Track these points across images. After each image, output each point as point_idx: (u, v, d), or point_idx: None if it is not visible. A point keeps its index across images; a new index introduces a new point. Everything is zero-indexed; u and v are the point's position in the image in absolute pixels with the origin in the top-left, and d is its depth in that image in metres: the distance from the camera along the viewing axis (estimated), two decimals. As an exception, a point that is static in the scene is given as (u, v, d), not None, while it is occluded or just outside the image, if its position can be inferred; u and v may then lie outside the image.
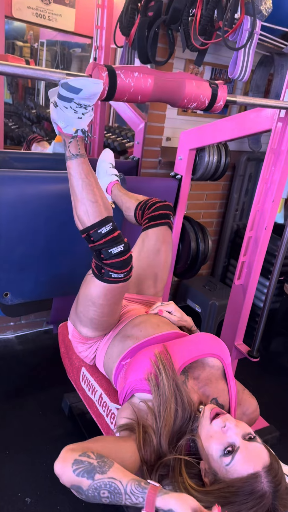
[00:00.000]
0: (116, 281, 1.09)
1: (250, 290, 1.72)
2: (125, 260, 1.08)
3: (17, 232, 1.58)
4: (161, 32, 1.97)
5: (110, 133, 2.73)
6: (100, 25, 2.08)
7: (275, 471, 0.84)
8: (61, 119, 1.03)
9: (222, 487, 0.83)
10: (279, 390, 2.35)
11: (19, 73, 0.93)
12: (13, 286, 1.66)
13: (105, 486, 0.76)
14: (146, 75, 1.05)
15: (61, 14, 2.41)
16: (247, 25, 1.56)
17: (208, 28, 1.70)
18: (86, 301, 1.17)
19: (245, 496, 0.81)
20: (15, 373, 2.12)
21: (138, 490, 0.76)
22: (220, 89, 1.16)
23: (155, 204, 1.45)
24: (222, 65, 2.39)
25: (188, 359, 1.06)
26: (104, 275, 1.09)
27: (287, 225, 1.61)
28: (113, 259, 1.06)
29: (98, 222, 1.07)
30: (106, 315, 1.20)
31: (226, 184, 2.76)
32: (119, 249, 1.07)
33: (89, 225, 1.08)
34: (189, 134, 1.93)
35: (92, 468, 0.77)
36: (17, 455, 1.69)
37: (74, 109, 1.01)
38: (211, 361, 1.09)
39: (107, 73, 0.99)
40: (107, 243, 1.06)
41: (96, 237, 1.07)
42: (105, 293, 1.12)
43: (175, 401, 0.94)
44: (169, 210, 1.46)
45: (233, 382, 1.08)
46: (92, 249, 1.10)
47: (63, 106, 1.01)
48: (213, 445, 0.88)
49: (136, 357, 1.10)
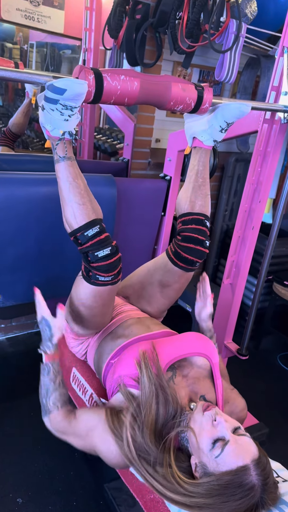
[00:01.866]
0: (103, 284, 1.09)
1: (238, 289, 1.74)
2: (111, 263, 1.07)
3: (8, 234, 1.58)
4: (149, 34, 1.99)
5: (101, 134, 2.74)
6: (89, 27, 2.10)
7: (263, 465, 0.86)
8: (48, 122, 1.04)
9: (211, 480, 0.85)
10: (268, 388, 2.38)
11: (6, 76, 0.94)
12: (4, 288, 1.66)
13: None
14: (132, 78, 1.06)
15: (50, 16, 2.41)
16: (233, 28, 1.59)
17: (194, 31, 1.72)
18: (76, 301, 1.18)
19: (234, 488, 0.82)
20: (6, 375, 2.12)
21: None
22: (205, 92, 1.18)
23: (196, 240, 1.24)
24: (210, 67, 2.42)
25: (176, 356, 1.07)
26: (91, 277, 1.09)
27: (274, 224, 1.63)
28: (99, 262, 1.06)
29: (85, 225, 1.07)
30: (97, 316, 1.21)
31: (215, 185, 2.78)
32: (106, 252, 1.06)
33: (76, 227, 1.07)
34: (178, 135, 1.95)
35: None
36: (8, 456, 1.69)
37: (60, 111, 1.02)
38: (199, 360, 1.11)
39: (93, 76, 1.00)
40: (94, 246, 1.06)
41: (83, 240, 1.06)
42: (94, 295, 1.13)
43: (156, 400, 0.96)
44: (203, 256, 1.27)
45: (219, 381, 1.10)
46: (80, 252, 1.10)
47: (49, 109, 1.02)
48: (204, 438, 0.90)
49: (123, 353, 1.11)
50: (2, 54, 2.83)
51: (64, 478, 1.65)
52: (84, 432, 1.03)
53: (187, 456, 0.95)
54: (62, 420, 1.06)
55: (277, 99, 1.45)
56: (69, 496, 1.58)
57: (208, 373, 1.11)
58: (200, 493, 0.84)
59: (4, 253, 1.59)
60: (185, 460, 0.94)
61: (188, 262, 1.25)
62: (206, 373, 1.11)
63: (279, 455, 1.19)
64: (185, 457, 0.95)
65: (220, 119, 1.22)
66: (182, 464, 0.92)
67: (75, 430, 1.05)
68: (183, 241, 1.24)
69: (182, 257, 1.24)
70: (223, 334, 1.82)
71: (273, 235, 1.64)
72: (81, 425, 1.04)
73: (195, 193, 1.28)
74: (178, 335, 1.20)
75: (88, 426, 1.02)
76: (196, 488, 0.85)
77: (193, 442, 0.93)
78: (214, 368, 1.11)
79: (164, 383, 0.98)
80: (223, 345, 1.83)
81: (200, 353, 1.11)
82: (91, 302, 1.15)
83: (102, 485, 1.61)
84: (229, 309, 1.77)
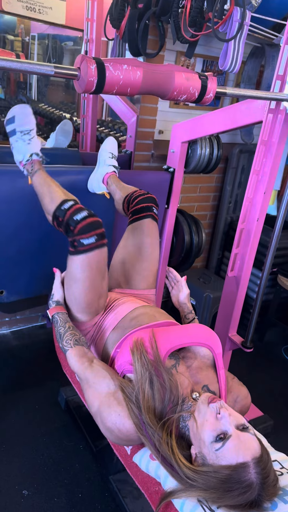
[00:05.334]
0: (89, 249, 1.14)
1: (243, 281, 1.73)
2: (91, 223, 1.13)
3: (11, 228, 1.58)
4: (151, 24, 1.97)
5: (103, 127, 2.72)
6: (91, 17, 2.07)
7: (264, 463, 0.85)
8: (18, 153, 1.31)
9: (209, 471, 0.85)
10: (273, 380, 2.38)
11: (7, 66, 0.92)
12: (8, 283, 1.66)
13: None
14: (135, 67, 1.05)
15: (51, 7, 2.39)
16: (237, 16, 1.56)
17: (198, 19, 1.69)
18: (69, 281, 1.23)
19: (231, 484, 0.82)
20: (11, 368, 2.13)
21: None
22: (209, 81, 1.16)
23: (138, 197, 1.46)
24: (214, 56, 2.39)
25: (177, 344, 1.08)
26: (77, 246, 1.14)
27: (279, 216, 1.62)
28: (79, 224, 1.13)
29: (61, 202, 1.20)
30: (90, 291, 1.23)
31: (219, 177, 2.76)
32: (83, 215, 1.14)
33: (54, 208, 1.20)
34: (181, 127, 1.93)
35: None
36: (14, 448, 1.70)
37: (21, 139, 1.28)
38: (202, 350, 1.12)
39: (95, 66, 0.99)
40: (72, 214, 1.15)
41: (61, 214, 1.17)
42: (82, 265, 1.17)
43: (150, 385, 0.96)
44: (151, 202, 1.46)
45: (222, 371, 1.11)
46: (64, 228, 1.18)
47: (14, 141, 1.31)
48: (206, 430, 0.90)
49: (126, 340, 1.13)
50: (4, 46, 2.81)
51: (70, 470, 1.65)
52: (98, 381, 1.04)
53: (188, 445, 0.95)
54: (77, 361, 1.10)
55: (282, 88, 1.42)
56: (74, 488, 1.59)
57: (211, 363, 1.12)
58: (197, 481, 0.85)
59: (7, 247, 1.59)
60: (185, 448, 0.94)
61: (144, 208, 1.42)
62: (210, 363, 1.11)
63: (284, 446, 1.19)
64: (186, 446, 0.95)
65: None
66: (182, 452, 0.92)
67: (87, 377, 1.06)
68: (134, 206, 1.45)
69: (138, 209, 1.42)
70: (228, 327, 1.81)
71: (278, 227, 1.62)
72: (97, 374, 1.06)
73: (124, 188, 1.56)
74: (183, 325, 1.22)
75: (104, 376, 1.05)
76: (194, 474, 0.86)
77: (194, 432, 0.93)
78: (217, 359, 1.11)
79: (160, 369, 0.99)
80: (227, 337, 1.82)
81: (203, 343, 1.11)
82: (80, 274, 1.18)
83: (107, 477, 1.61)
84: (234, 302, 1.76)
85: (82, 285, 1.20)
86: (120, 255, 1.49)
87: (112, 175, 1.65)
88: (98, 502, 1.56)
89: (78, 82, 1.03)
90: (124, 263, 1.46)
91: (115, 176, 1.65)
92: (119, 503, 1.53)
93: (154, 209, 1.45)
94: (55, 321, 1.21)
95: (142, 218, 1.43)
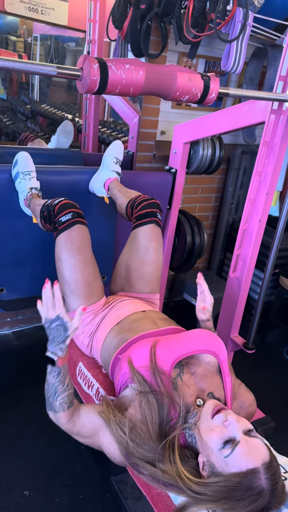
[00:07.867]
0: (68, 225, 1.27)
1: (245, 282, 1.72)
2: (67, 203, 1.31)
3: (11, 227, 1.58)
4: (154, 25, 1.97)
5: (105, 127, 2.73)
6: (93, 18, 2.07)
7: (274, 469, 0.84)
8: (21, 192, 1.50)
9: (220, 481, 0.83)
10: (275, 381, 2.37)
11: (10, 66, 0.92)
12: (8, 282, 1.66)
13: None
14: (137, 67, 1.05)
15: (54, 8, 2.39)
16: (240, 17, 1.56)
17: (200, 20, 1.69)
18: (59, 267, 1.30)
19: (243, 491, 0.80)
20: (13, 368, 2.13)
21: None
22: (212, 82, 1.16)
23: (142, 203, 1.46)
24: (216, 57, 2.39)
25: (182, 354, 1.06)
26: (57, 226, 1.28)
27: (281, 217, 1.61)
28: (57, 206, 1.30)
29: (44, 202, 1.37)
30: (77, 270, 1.28)
31: (221, 178, 2.76)
32: (61, 199, 1.33)
33: (40, 208, 1.37)
34: (183, 127, 1.93)
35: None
36: (15, 449, 1.70)
37: (23, 178, 1.48)
38: (207, 357, 1.10)
39: (98, 65, 0.99)
40: (52, 202, 1.33)
41: (45, 208, 1.33)
42: (65, 243, 1.28)
43: (148, 405, 0.96)
44: (155, 207, 1.46)
45: (228, 378, 1.09)
46: (48, 219, 1.32)
47: (18, 184, 1.50)
48: (214, 438, 0.88)
49: (130, 349, 1.11)
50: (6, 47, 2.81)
51: (71, 471, 1.65)
52: (89, 433, 1.02)
53: (195, 454, 0.94)
54: (66, 422, 1.03)
55: (284, 89, 1.42)
56: (75, 489, 1.59)
57: (216, 370, 1.10)
58: (207, 494, 0.82)
59: (7, 246, 1.59)
60: (191, 458, 0.92)
61: (148, 214, 1.45)
62: (215, 370, 1.10)
63: (286, 448, 1.18)
64: (192, 455, 0.93)
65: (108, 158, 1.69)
66: (189, 462, 0.91)
67: (80, 431, 1.03)
68: (138, 211, 1.47)
69: (142, 214, 1.45)
70: (229, 328, 1.80)
71: (280, 228, 1.62)
72: (86, 426, 1.02)
73: (127, 193, 1.59)
74: (185, 332, 1.19)
75: (93, 427, 1.01)
76: (203, 488, 0.83)
77: (200, 440, 0.91)
78: (222, 365, 1.09)
79: (159, 387, 0.98)
80: (229, 339, 1.82)
81: (208, 350, 1.10)
82: (64, 251, 1.28)
83: (108, 478, 1.61)
84: (235, 303, 1.75)
85: (69, 264, 1.27)
86: (124, 260, 1.49)
87: (114, 180, 1.64)
88: (99, 503, 1.55)
89: (81, 82, 1.03)
90: (128, 267, 1.46)
91: (117, 181, 1.65)
92: (120, 504, 1.52)
93: (158, 214, 1.46)
94: (57, 372, 1.01)
95: (146, 223, 1.44)
